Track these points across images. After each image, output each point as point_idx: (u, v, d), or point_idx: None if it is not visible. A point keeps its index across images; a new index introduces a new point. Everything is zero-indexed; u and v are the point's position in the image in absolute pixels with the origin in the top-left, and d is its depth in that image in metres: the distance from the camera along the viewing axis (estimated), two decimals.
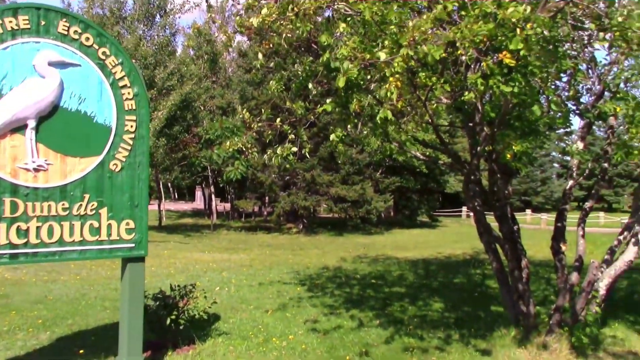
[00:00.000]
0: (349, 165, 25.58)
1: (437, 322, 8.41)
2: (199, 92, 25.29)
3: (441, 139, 6.68)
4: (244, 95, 27.01)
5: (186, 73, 23.90)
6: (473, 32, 4.22)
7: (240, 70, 30.22)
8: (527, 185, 45.84)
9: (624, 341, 7.52)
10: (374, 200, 25.98)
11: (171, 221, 32.38)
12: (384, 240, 23.33)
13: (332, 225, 27.98)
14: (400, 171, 29.18)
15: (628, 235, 7.37)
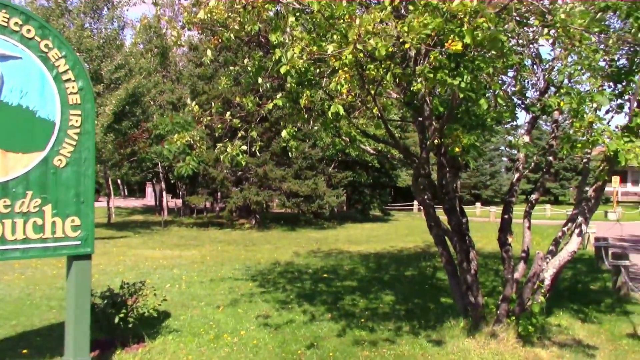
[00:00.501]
0: (302, 160, 25.58)
1: (388, 315, 8.52)
2: (148, 86, 24.82)
3: (391, 133, 6.74)
4: (195, 90, 26.65)
5: (135, 67, 23.42)
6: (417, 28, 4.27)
7: (191, 65, 29.81)
8: (476, 179, 46.71)
9: (568, 329, 7.76)
10: (327, 195, 26.04)
11: (121, 218, 31.78)
12: (337, 234, 23.42)
13: (285, 220, 27.94)
14: (352, 166, 29.34)
15: (572, 226, 7.59)
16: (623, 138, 6.24)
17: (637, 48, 6.98)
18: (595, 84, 6.85)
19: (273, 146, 24.38)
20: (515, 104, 6.71)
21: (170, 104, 29.22)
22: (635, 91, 6.77)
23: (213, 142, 16.26)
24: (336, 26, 4.94)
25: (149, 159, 26.36)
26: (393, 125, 24.58)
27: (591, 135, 6.33)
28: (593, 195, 7.62)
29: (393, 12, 4.88)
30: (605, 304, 9.50)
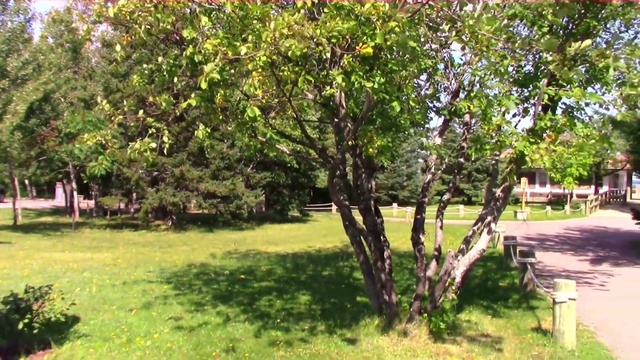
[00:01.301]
0: (220, 160, 25.29)
1: (303, 315, 8.55)
2: (58, 82, 23.85)
3: (306, 134, 6.77)
4: (108, 88, 25.83)
5: (44, 62, 22.39)
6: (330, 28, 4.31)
7: (104, 61, 28.90)
8: (393, 180, 47.58)
9: (477, 325, 8.02)
10: (245, 196, 25.87)
11: (28, 220, 30.38)
12: (255, 235, 23.32)
13: (202, 221, 27.55)
14: (271, 166, 29.29)
15: (481, 225, 7.85)
16: (529, 140, 6.52)
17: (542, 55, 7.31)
18: (503, 88, 7.13)
19: (190, 146, 23.97)
20: (427, 107, 6.88)
21: (82, 101, 28.20)
22: (539, 96, 7.07)
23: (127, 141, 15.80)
24: (251, 27, 4.90)
25: (58, 158, 25.32)
26: (311, 126, 24.76)
27: (499, 137, 6.58)
28: (501, 195, 7.92)
29: (307, 15, 4.91)
30: (513, 300, 9.90)
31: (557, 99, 6.91)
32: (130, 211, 32.24)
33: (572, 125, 6.74)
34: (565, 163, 6.18)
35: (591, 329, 8.15)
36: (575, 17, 7.63)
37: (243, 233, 24.32)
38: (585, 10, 7.56)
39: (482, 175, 47.58)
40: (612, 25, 8.98)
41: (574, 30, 7.71)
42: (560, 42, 7.42)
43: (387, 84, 5.22)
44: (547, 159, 6.08)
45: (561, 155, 6.17)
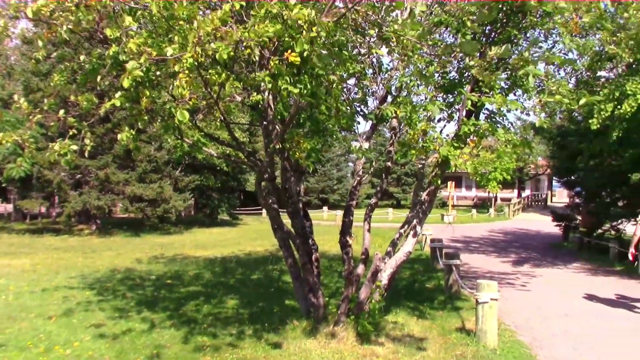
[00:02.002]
0: (147, 163, 24.71)
1: (231, 319, 8.45)
2: None
3: (234, 136, 6.70)
4: (29, 86, 24.81)
5: None
6: (259, 32, 4.28)
7: (24, 59, 27.77)
8: (324, 184, 47.86)
9: (403, 326, 8.15)
10: (173, 199, 25.39)
11: None
12: (183, 239, 22.92)
13: (129, 225, 26.84)
14: (200, 169, 28.87)
15: (408, 228, 7.99)
16: (453, 145, 6.68)
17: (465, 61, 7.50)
18: (428, 94, 7.29)
19: (116, 148, 23.33)
20: (354, 111, 6.94)
21: (0, 100, 27.00)
22: (463, 102, 7.26)
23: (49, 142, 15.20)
24: (177, 27, 4.81)
25: None
26: (241, 129, 24.56)
27: (424, 142, 6.72)
28: (427, 198, 8.08)
29: (234, 17, 4.86)
30: (439, 301, 10.12)
31: (480, 105, 7.12)
32: (51, 215, 31.07)
33: (493, 130, 6.96)
34: (487, 168, 6.37)
35: (512, 328, 8.42)
36: (497, 26, 7.89)
37: (171, 237, 23.86)
38: (507, 20, 7.83)
39: (410, 179, 48.50)
40: (532, 35, 9.34)
41: (496, 38, 7.97)
42: (482, 48, 7.66)
43: (314, 88, 5.23)
44: (470, 164, 6.24)
45: (483, 160, 6.35)
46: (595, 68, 14.16)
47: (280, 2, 4.57)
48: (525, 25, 8.04)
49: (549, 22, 8.02)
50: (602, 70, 14.70)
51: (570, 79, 14.43)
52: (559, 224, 24.21)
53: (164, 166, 26.03)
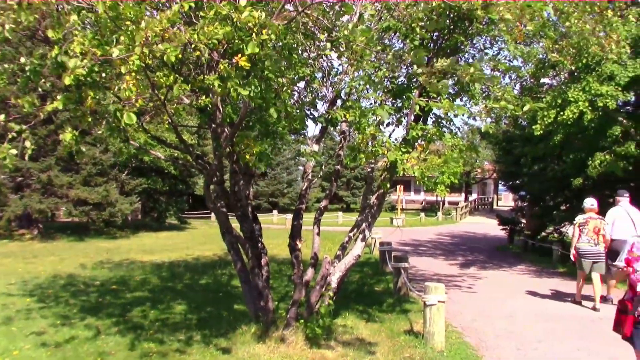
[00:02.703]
0: (92, 165, 24.13)
1: (179, 325, 8.32)
2: None
3: (182, 139, 6.61)
4: None
5: None
6: (208, 34, 4.23)
7: None
8: (274, 187, 47.75)
9: (353, 329, 8.17)
10: (119, 203, 24.87)
11: None
12: (130, 244, 22.46)
13: (72, 229, 26.13)
14: (147, 172, 28.37)
15: (357, 232, 8.03)
16: (401, 149, 6.74)
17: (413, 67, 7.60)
18: (377, 98, 7.35)
19: (59, 150, 22.69)
20: (304, 115, 6.93)
21: None
22: (412, 106, 7.34)
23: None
24: (123, 28, 4.71)
25: None
26: (190, 132, 24.27)
27: (373, 146, 6.76)
28: (376, 202, 8.14)
29: (183, 18, 4.80)
30: (387, 304, 10.20)
31: (427, 110, 7.22)
32: None
33: (441, 135, 7.07)
34: (434, 172, 6.46)
35: (459, 330, 8.55)
36: (445, 32, 8.02)
37: (117, 242, 23.35)
38: (454, 27, 7.97)
39: (360, 183, 48.87)
40: (479, 42, 9.55)
41: (443, 44, 8.09)
42: (430, 55, 7.78)
43: (264, 90, 5.20)
44: (417, 169, 6.32)
45: (431, 164, 6.44)
46: (539, 75, 14.57)
47: (230, 4, 4.53)
48: (471, 32, 8.20)
49: (495, 29, 8.20)
50: (546, 77, 15.14)
51: (515, 86, 14.80)
52: (504, 227, 24.77)
53: (109, 169, 25.47)
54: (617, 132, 14.13)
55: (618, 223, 10.22)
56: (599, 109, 12.86)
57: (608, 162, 14.17)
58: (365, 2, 6.93)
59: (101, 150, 24.34)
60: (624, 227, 10.04)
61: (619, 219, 10.26)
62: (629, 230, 9.85)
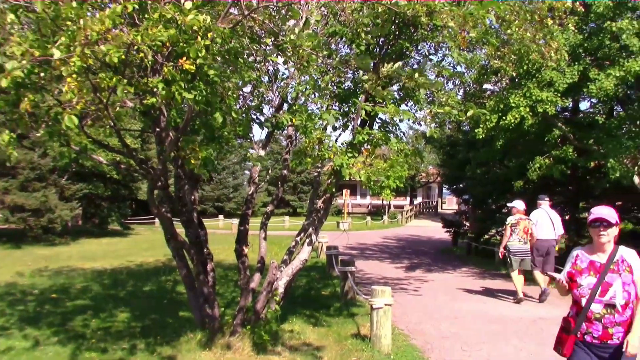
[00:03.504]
0: (29, 170, 23.33)
1: (122, 333, 8.12)
2: None
3: (124, 143, 6.45)
4: None
5: None
6: (152, 36, 4.14)
7: None
8: (220, 192, 47.22)
9: (300, 334, 8.14)
10: (59, 209, 24.10)
11: None
12: (70, 250, 21.80)
13: (9, 237, 25.14)
14: (89, 177, 27.59)
15: (304, 236, 8.01)
16: (347, 154, 6.77)
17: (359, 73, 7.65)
18: (324, 103, 7.36)
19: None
20: (249, 119, 6.89)
21: None
22: (358, 111, 7.38)
23: None
24: (64, 28, 4.56)
25: None
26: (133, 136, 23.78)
27: (320, 150, 6.77)
28: (322, 206, 8.14)
29: (126, 19, 4.69)
30: (335, 308, 10.22)
31: (373, 115, 7.27)
32: None
33: (386, 139, 7.13)
34: (380, 176, 6.51)
35: (405, 332, 8.64)
36: (391, 38, 8.10)
37: (56, 249, 22.63)
38: (400, 32, 8.06)
39: (307, 187, 48.88)
40: (423, 47, 9.69)
41: (389, 50, 8.18)
42: (376, 61, 7.85)
43: (209, 94, 5.13)
44: (363, 173, 6.36)
45: (377, 169, 6.49)
46: (482, 81, 14.92)
47: (175, 7, 4.45)
48: (416, 38, 8.31)
49: (439, 36, 8.34)
50: (488, 83, 15.51)
51: (459, 91, 15.11)
52: (448, 230, 25.23)
53: (48, 174, 24.66)
54: (556, 136, 14.61)
55: (540, 224, 11.22)
56: (539, 115, 13.26)
57: (547, 165, 14.63)
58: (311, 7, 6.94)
59: (39, 155, 23.58)
60: (545, 228, 11.16)
61: (541, 220, 11.27)
62: (550, 231, 11.14)
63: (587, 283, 4.03)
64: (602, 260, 4.05)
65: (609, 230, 4.00)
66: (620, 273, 3.97)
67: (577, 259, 4.19)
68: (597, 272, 4.02)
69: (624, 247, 4.11)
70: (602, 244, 4.03)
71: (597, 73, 12.93)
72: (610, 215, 4.02)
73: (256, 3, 5.29)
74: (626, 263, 4.01)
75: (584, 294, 4.02)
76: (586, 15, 13.48)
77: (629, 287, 3.93)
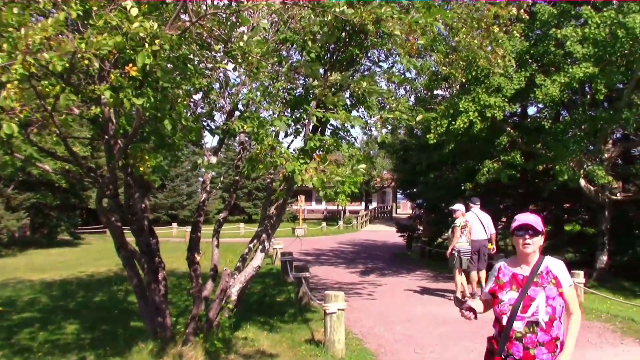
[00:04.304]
0: None
1: (71, 345, 7.96)
2: None
3: (71, 151, 6.33)
4: None
5: None
6: (97, 44, 4.09)
7: None
8: (173, 199, 46.59)
9: (254, 341, 8.11)
10: (5, 219, 23.48)
11: None
12: (17, 262, 21.19)
13: None
14: (36, 186, 26.90)
15: (257, 243, 8.00)
16: (299, 160, 6.78)
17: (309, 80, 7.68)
18: (275, 109, 7.37)
19: None
20: (200, 126, 6.84)
21: None
22: (309, 117, 7.42)
23: None
24: (5, 34, 4.46)
25: None
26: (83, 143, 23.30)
27: (272, 157, 6.76)
28: (275, 213, 8.15)
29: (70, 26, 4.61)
30: (289, 314, 10.21)
31: (325, 121, 7.31)
32: None
33: (338, 145, 7.18)
34: (333, 182, 6.54)
35: (359, 337, 8.70)
36: (341, 45, 8.17)
37: (2, 260, 21.99)
38: (350, 39, 8.14)
39: (262, 194, 48.59)
40: (373, 54, 9.81)
41: (339, 57, 8.25)
42: (327, 68, 7.91)
43: (158, 102, 5.08)
44: (315, 179, 6.37)
45: (329, 174, 6.51)
46: (433, 87, 15.19)
47: (121, 14, 4.39)
48: (366, 45, 8.40)
49: (389, 42, 8.44)
50: (439, 89, 15.79)
51: (410, 97, 15.34)
52: (402, 234, 25.51)
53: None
54: (505, 141, 14.96)
55: (472, 225, 11.71)
56: (488, 119, 13.56)
57: (495, 169, 14.96)
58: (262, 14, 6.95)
59: None
60: (476, 229, 11.67)
61: (473, 222, 11.72)
62: (481, 231, 11.73)
63: (509, 298, 3.61)
64: (526, 273, 3.62)
65: (534, 239, 3.57)
66: (545, 286, 3.54)
67: (500, 273, 3.77)
68: (520, 286, 3.60)
69: (550, 258, 3.69)
70: (526, 254, 3.61)
71: (543, 79, 13.31)
72: (536, 222, 3.59)
73: (204, 10, 5.26)
74: (551, 274, 3.58)
75: (504, 311, 3.62)
76: (532, 23, 13.88)
77: (554, 301, 3.50)
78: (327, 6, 5.45)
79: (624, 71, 13.13)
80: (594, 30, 12.38)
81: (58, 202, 28.49)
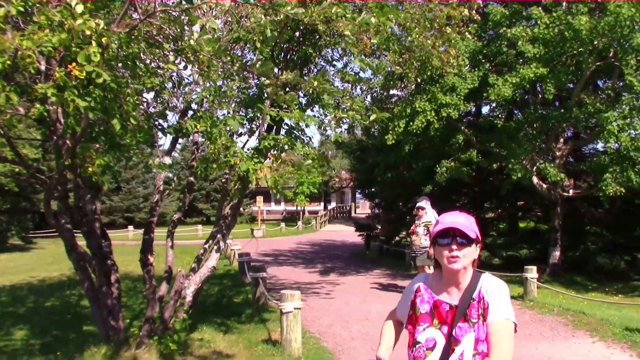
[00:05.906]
0: None
1: (19, 351, 7.75)
2: None
3: (17, 152, 6.18)
4: None
5: None
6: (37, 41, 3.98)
7: None
8: (129, 202, 45.90)
9: (210, 342, 8.04)
10: None
11: None
12: None
13: None
14: None
15: (212, 243, 7.92)
16: (253, 159, 6.76)
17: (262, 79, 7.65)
18: (229, 108, 7.32)
19: None
20: (150, 126, 6.74)
21: None
22: (263, 117, 7.39)
23: None
24: None
25: None
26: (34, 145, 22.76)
27: (225, 156, 6.72)
28: (230, 213, 8.09)
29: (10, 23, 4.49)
30: (246, 314, 10.15)
31: (279, 120, 7.29)
32: None
33: (292, 144, 7.17)
34: (289, 181, 6.54)
35: (316, 335, 8.71)
36: (294, 44, 8.16)
37: None
38: (303, 39, 8.14)
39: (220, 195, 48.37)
40: (327, 53, 9.82)
41: (293, 56, 8.24)
42: (280, 67, 7.89)
43: (106, 102, 4.98)
44: (270, 178, 6.36)
45: (283, 174, 6.51)
46: (389, 87, 15.30)
47: (65, 11, 4.29)
48: (320, 45, 8.40)
49: (342, 42, 8.46)
50: (395, 89, 15.92)
51: (367, 97, 15.43)
52: (361, 233, 25.65)
53: None
54: (460, 140, 15.20)
55: None
56: (444, 119, 13.75)
57: (453, 168, 15.17)
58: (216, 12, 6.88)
59: None
60: None
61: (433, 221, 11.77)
62: None
63: (426, 339, 2.56)
64: (454, 301, 2.53)
65: (464, 250, 2.45)
66: (475, 322, 2.46)
67: (417, 297, 2.67)
68: (443, 321, 2.54)
69: (489, 277, 2.56)
70: (454, 272, 2.49)
71: (496, 79, 13.57)
72: (468, 225, 2.48)
73: (154, 7, 5.19)
74: (484, 303, 2.47)
75: (420, 357, 2.56)
76: (485, 23, 14.13)
77: (484, 345, 2.45)
78: (278, 5, 5.43)
79: (574, 71, 13.48)
80: (544, 31, 12.68)
81: (8, 205, 27.73)
